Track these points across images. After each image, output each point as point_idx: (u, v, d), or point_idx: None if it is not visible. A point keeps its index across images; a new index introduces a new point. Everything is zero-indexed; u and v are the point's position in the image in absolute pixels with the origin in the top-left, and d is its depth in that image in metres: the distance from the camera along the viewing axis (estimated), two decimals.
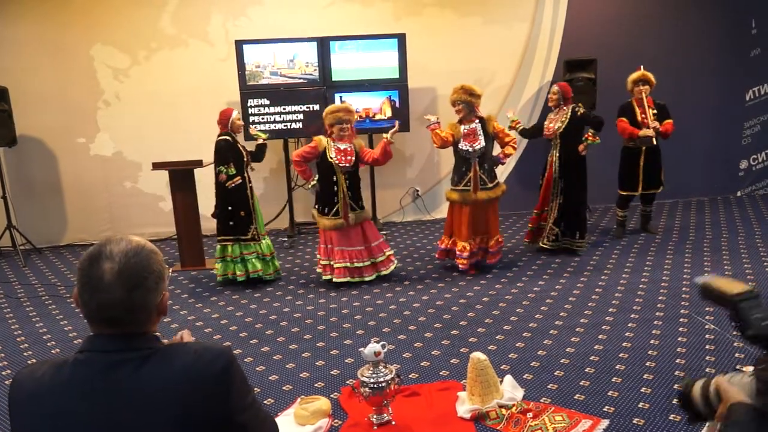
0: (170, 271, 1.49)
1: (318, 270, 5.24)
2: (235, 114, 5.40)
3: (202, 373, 1.31)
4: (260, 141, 5.49)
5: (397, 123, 5.25)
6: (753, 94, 7.76)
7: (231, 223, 5.23)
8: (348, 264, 5.01)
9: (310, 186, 5.07)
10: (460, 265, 5.21)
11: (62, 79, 6.73)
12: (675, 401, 1.33)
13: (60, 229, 7.04)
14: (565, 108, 5.49)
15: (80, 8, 6.61)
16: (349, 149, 4.96)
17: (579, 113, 5.45)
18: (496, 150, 5.25)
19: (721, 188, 7.88)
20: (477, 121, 5.10)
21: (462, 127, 5.10)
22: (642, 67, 5.87)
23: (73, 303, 1.40)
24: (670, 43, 7.35)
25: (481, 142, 5.05)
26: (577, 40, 7.22)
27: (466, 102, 5.03)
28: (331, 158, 4.90)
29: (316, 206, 5.09)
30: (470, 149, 5.05)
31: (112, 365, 1.29)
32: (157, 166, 5.73)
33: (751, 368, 1.17)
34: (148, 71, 6.82)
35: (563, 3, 7.21)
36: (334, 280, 5.01)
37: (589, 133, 5.48)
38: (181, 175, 5.72)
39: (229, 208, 5.22)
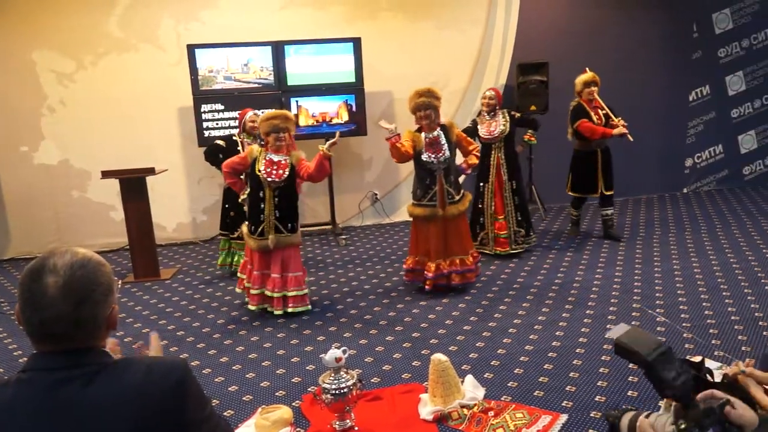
0: (120, 283, 1.45)
1: (238, 290, 4.81)
2: (249, 115, 5.39)
3: (155, 388, 1.27)
4: None
5: (337, 134, 4.62)
6: (696, 95, 8.06)
7: (227, 220, 5.54)
8: (263, 291, 4.52)
9: (240, 200, 4.76)
10: (426, 286, 4.77)
11: (1, 85, 6.46)
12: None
13: (2, 243, 6.75)
14: (500, 112, 5.57)
15: (21, 12, 6.37)
16: (283, 162, 4.38)
17: (516, 116, 5.62)
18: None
19: (668, 186, 8.16)
20: (439, 128, 4.64)
21: (423, 135, 4.60)
22: (587, 69, 5.94)
23: (17, 320, 1.34)
24: (618, 46, 7.57)
25: (445, 152, 4.60)
26: (529, 43, 7.37)
27: (434, 107, 4.54)
28: (259, 171, 4.36)
29: (246, 223, 4.61)
30: (434, 160, 4.58)
31: (57, 384, 1.24)
32: (106, 174, 5.56)
33: (669, 406, 1.25)
34: (96, 76, 6.62)
35: (515, 8, 7.34)
36: (250, 307, 4.59)
37: (529, 134, 5.77)
38: (133, 183, 5.57)
39: (226, 206, 5.54)
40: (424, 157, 4.61)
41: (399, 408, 3.19)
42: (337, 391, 2.91)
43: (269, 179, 4.35)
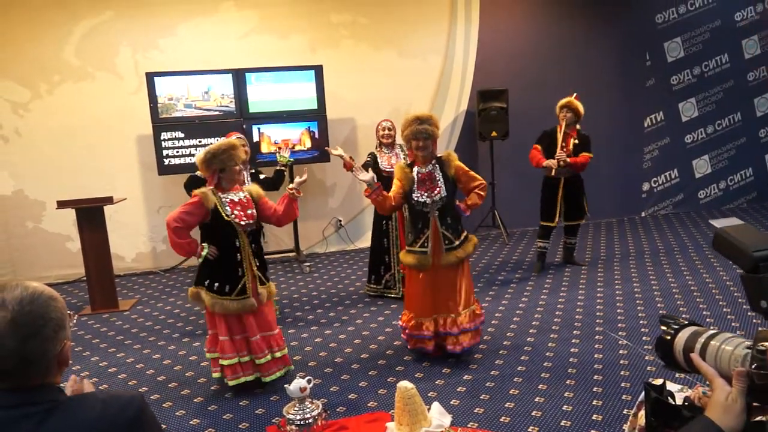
0: (75, 318, 1.42)
1: (216, 374, 3.75)
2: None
3: (111, 424, 1.25)
4: (279, 166, 5.08)
5: (305, 170, 4.01)
6: (650, 121, 8.33)
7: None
8: (239, 359, 3.66)
9: (203, 257, 3.60)
10: (427, 348, 4.02)
11: None
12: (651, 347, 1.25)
13: None
14: (397, 145, 5.37)
15: None
16: (244, 200, 3.66)
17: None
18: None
19: (626, 210, 8.36)
20: (434, 161, 3.98)
21: (416, 170, 3.94)
22: (576, 94, 5.78)
23: None
24: (574, 73, 7.77)
25: (441, 191, 3.88)
26: (489, 71, 7.53)
27: (434, 137, 3.87)
28: (228, 217, 3.56)
29: (207, 283, 3.61)
30: (427, 200, 3.88)
31: (10, 422, 1.20)
32: (62, 204, 5.43)
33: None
34: (52, 105, 6.50)
35: (474, 37, 7.51)
36: (230, 383, 3.66)
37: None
38: (90, 213, 5.44)
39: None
40: (415, 195, 3.90)
41: None
42: (302, 422, 2.85)
43: (242, 223, 3.60)
